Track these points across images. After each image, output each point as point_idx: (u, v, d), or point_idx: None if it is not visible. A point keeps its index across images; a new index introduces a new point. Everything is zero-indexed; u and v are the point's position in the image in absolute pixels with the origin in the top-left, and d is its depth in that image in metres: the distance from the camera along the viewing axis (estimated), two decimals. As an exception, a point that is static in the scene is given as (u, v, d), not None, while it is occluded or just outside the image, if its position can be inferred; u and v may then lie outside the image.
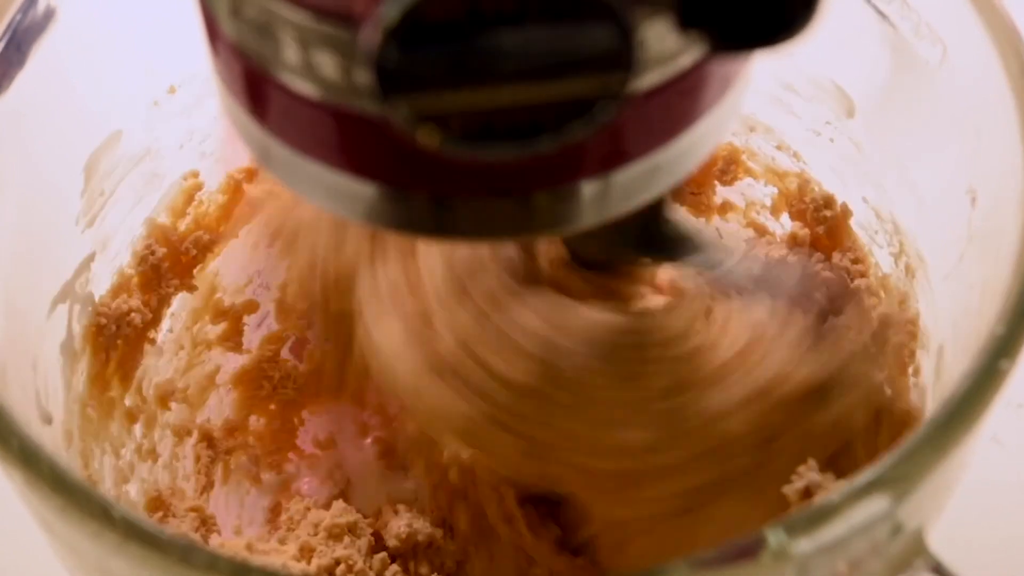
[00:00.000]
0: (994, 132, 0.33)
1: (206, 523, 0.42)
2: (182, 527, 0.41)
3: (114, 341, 0.41)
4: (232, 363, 0.47)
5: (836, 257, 0.43)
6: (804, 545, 0.26)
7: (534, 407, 0.36)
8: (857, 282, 0.41)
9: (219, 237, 0.45)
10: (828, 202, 0.43)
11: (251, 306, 0.47)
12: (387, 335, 0.38)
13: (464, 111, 0.21)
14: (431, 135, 0.21)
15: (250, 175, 0.45)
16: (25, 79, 0.35)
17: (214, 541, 0.42)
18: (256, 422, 0.47)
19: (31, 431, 0.29)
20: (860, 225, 0.43)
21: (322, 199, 0.25)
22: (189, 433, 0.45)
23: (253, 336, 0.47)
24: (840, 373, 0.37)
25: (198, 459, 0.45)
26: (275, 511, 0.46)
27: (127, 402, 0.42)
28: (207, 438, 0.46)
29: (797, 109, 0.43)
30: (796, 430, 0.36)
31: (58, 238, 0.39)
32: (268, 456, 0.47)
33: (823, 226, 0.43)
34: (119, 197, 0.41)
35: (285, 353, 0.47)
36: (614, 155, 0.24)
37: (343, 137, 0.24)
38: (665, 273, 0.39)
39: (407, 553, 0.42)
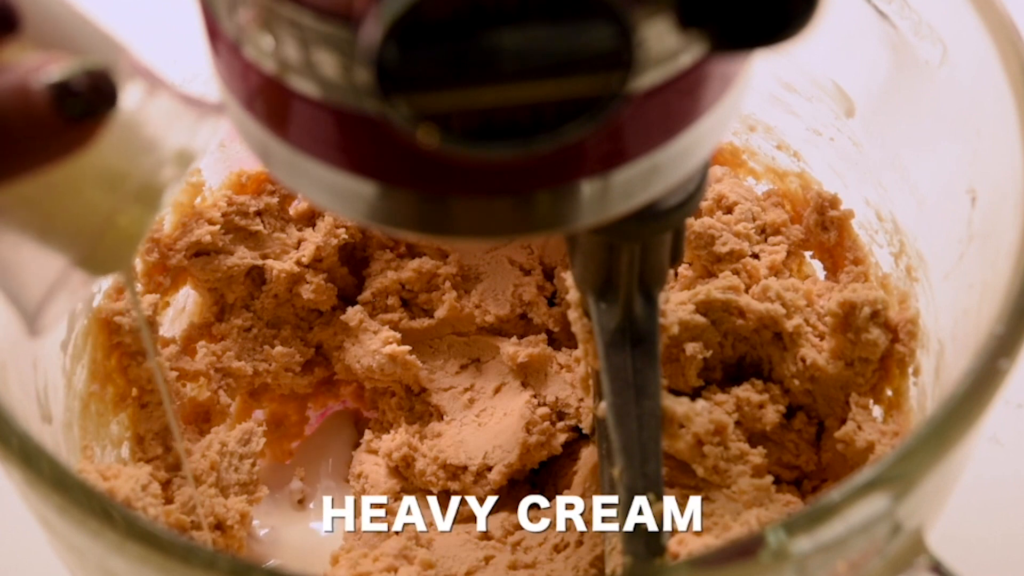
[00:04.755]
0: (994, 132, 0.33)
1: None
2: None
3: (115, 339, 0.41)
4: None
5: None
6: (803, 544, 0.26)
7: None
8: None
9: None
10: (832, 202, 0.43)
11: None
12: None
13: (464, 110, 0.21)
14: (431, 134, 0.21)
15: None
16: (26, 78, 0.34)
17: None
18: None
19: (31, 430, 0.29)
20: (860, 225, 0.43)
21: (323, 198, 0.25)
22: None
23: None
24: None
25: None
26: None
27: (128, 400, 0.42)
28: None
29: (797, 109, 0.43)
30: None
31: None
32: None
33: (824, 227, 0.43)
34: (119, 196, 0.41)
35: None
36: (614, 154, 0.24)
37: (344, 136, 0.24)
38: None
39: None
